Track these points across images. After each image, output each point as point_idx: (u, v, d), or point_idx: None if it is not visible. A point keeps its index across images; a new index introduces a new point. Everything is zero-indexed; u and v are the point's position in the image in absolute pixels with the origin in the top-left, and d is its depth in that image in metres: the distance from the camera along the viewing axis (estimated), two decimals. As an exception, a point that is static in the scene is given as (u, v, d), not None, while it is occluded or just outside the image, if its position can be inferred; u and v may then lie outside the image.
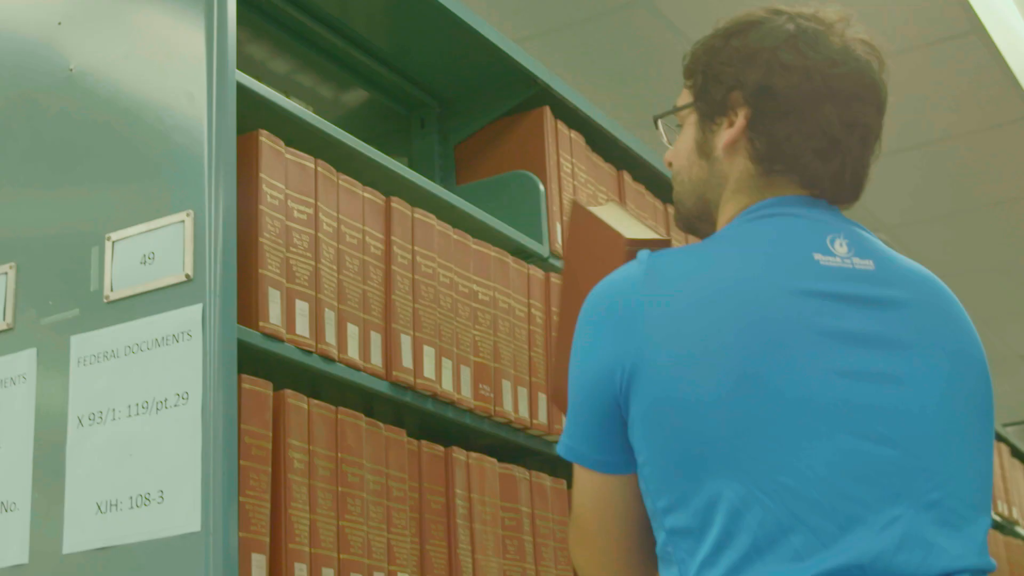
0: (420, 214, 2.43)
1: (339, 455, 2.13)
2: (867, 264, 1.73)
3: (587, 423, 1.73)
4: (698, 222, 1.87)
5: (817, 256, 1.71)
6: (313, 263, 2.17)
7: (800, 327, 1.65)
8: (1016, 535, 5.40)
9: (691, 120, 1.89)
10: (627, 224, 2.10)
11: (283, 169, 2.15)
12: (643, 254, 1.75)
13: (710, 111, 1.86)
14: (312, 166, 2.21)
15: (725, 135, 1.83)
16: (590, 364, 1.72)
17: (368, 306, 2.28)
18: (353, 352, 2.21)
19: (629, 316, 1.69)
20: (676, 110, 1.94)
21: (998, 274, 7.19)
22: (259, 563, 1.93)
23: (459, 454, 2.39)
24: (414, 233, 2.41)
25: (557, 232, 2.82)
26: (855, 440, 1.61)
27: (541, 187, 2.80)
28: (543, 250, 2.75)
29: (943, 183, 6.20)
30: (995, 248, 6.93)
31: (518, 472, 2.53)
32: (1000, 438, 5.51)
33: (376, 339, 2.28)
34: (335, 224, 2.24)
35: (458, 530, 2.34)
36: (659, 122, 2.00)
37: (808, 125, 1.78)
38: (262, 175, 2.10)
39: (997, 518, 5.17)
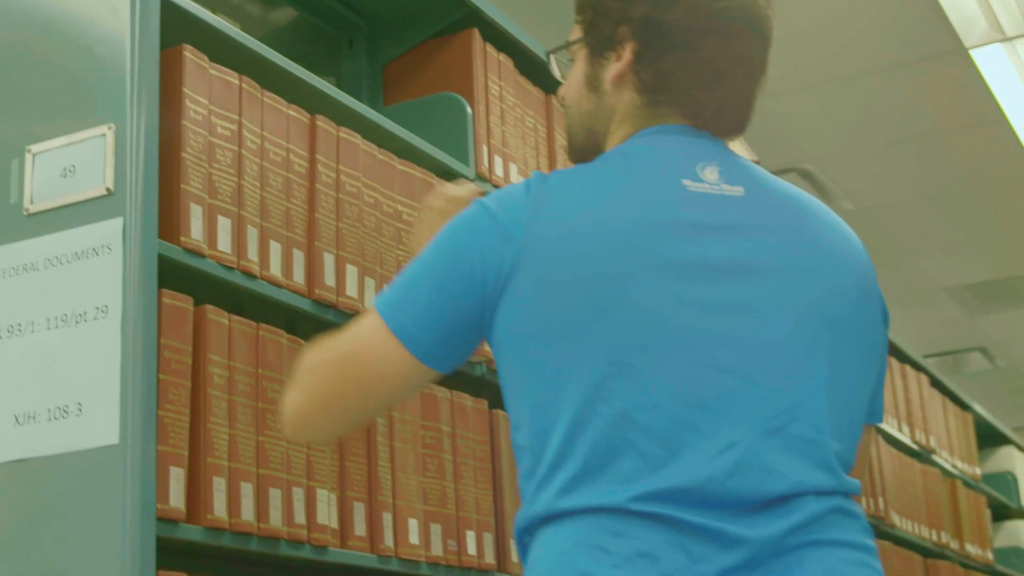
0: (345, 133, 2.43)
1: (259, 371, 2.14)
2: (736, 191, 1.75)
3: (438, 312, 1.73)
4: (587, 155, 1.88)
5: (686, 182, 1.74)
6: (236, 179, 2.17)
7: (657, 256, 1.68)
8: (932, 463, 5.50)
9: (582, 55, 1.91)
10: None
11: (207, 85, 2.14)
12: (536, 174, 1.77)
13: (599, 46, 1.88)
14: (236, 82, 2.21)
15: (613, 68, 1.85)
16: (465, 262, 1.72)
17: (291, 223, 2.28)
18: (275, 269, 2.22)
19: (512, 231, 1.70)
20: (567, 45, 1.96)
21: (923, 206, 7.27)
22: (177, 476, 1.95)
23: (380, 373, 2.41)
24: (339, 152, 2.41)
25: (483, 154, 2.83)
26: (696, 368, 1.64)
27: (468, 109, 2.81)
28: (469, 172, 2.76)
29: (869, 116, 6.23)
30: (920, 181, 6.98)
31: (439, 392, 2.54)
32: (920, 368, 5.58)
33: (299, 257, 2.28)
34: (259, 141, 2.24)
35: (378, 447, 2.36)
36: (552, 58, 2.02)
37: (693, 58, 1.80)
38: (185, 90, 2.09)
39: (914, 446, 5.26)
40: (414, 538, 2.39)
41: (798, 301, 1.71)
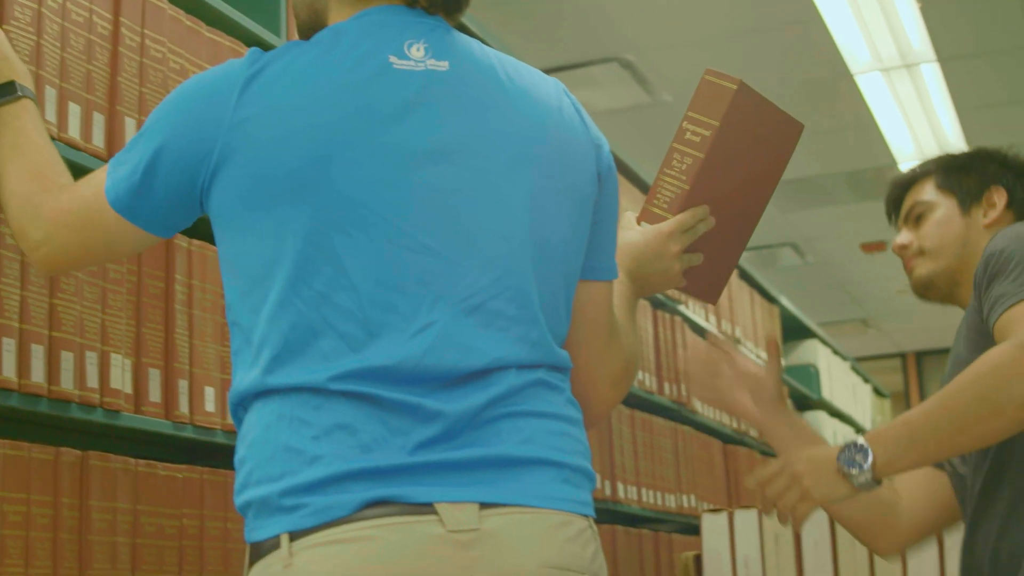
0: (152, -3, 2.40)
1: (54, 233, 2.11)
2: (441, 65, 1.77)
3: (153, 189, 1.76)
4: (313, 33, 1.86)
5: (392, 59, 1.75)
6: (35, 38, 2.12)
7: (359, 139, 1.70)
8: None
9: None
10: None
11: (5, -62, 2.09)
12: (252, 52, 1.77)
13: None
14: (37, -62, 2.16)
15: None
16: (181, 147, 1.74)
17: (92, 86, 2.25)
18: (74, 132, 2.19)
19: (223, 113, 1.71)
20: None
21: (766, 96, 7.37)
22: (-36, 335, 1.93)
23: (181, 241, 2.40)
24: (144, 16, 2.37)
25: (295, 25, 2.80)
26: (396, 250, 1.68)
27: (281, -21, 2.78)
28: (279, 43, 2.74)
29: (690, 8, 6.29)
30: (750, 75, 7.08)
31: (241, 262, 2.54)
32: (729, 260, 5.69)
33: (99, 120, 2.25)
34: (60, 1, 2.19)
35: (176, 315, 2.36)
36: None
37: None
38: (-18, -57, 2.04)
39: (720, 336, 5.38)
40: (210, 406, 2.40)
41: (496, 176, 1.75)
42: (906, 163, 8.24)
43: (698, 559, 2.96)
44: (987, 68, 7.07)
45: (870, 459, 2.02)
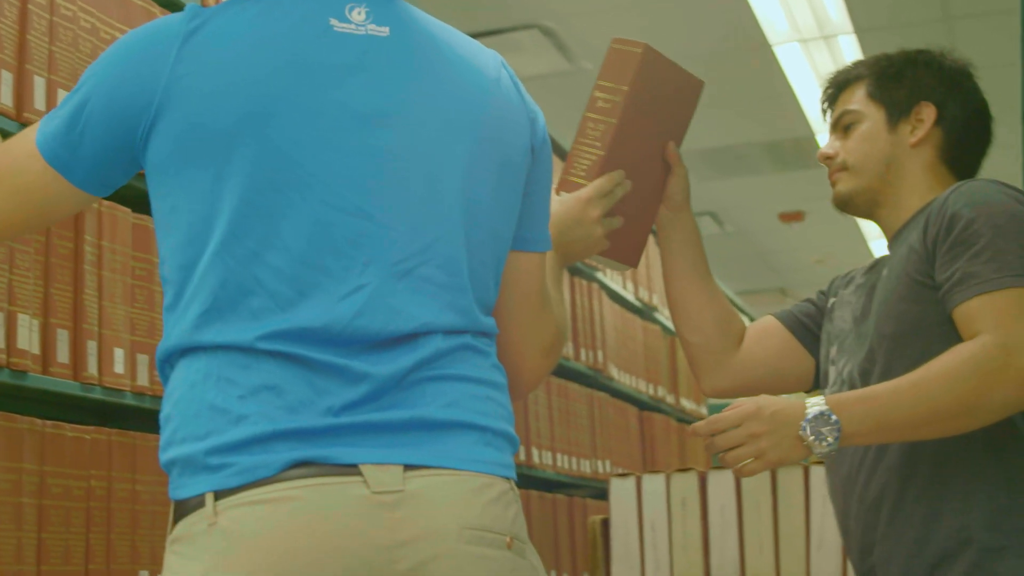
0: (62, -46, 2.37)
1: (-40, 192, 2.09)
2: (382, 31, 1.78)
3: (91, 143, 1.75)
4: None
5: (333, 21, 1.75)
6: (-59, -6, 2.11)
7: (295, 99, 1.70)
8: (654, 320, 5.67)
9: None
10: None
11: None
12: (191, 7, 1.76)
13: None
14: None
15: None
16: (120, 101, 1.73)
17: (0, 44, 2.22)
18: (-19, 89, 2.17)
19: (161, 69, 1.71)
20: None
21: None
22: None
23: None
24: (54, -27, 2.35)
25: (210, -13, 2.78)
26: (329, 211, 1.69)
27: (195, -61, 2.76)
28: (195, 1, 2.72)
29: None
30: (669, 44, 7.11)
31: (152, 223, 2.52)
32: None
33: (7, 78, 2.23)
34: (-33, -44, 2.17)
35: (85, 276, 2.34)
36: None
37: None
38: None
39: (637, 303, 5.41)
40: (119, 367, 2.39)
41: (432, 143, 1.76)
42: (824, 134, 8.30)
43: (605, 523, 2.99)
44: (903, 41, 7.06)
45: (838, 434, 2.03)
